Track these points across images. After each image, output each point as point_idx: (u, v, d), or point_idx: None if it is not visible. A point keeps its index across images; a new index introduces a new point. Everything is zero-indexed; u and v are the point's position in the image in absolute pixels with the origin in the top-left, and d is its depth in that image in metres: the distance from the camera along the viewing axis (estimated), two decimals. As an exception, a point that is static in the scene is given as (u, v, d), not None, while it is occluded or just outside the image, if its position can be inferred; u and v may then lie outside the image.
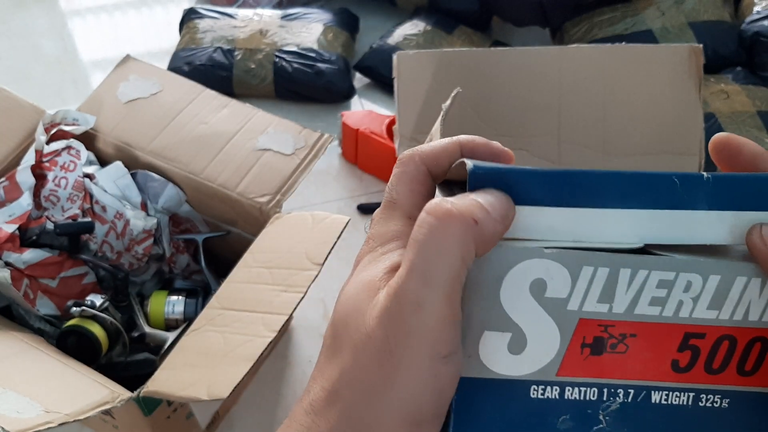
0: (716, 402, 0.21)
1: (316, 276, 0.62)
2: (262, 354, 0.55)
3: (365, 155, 1.14)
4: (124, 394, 0.59)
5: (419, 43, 1.30)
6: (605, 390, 0.21)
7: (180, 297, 0.79)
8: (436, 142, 0.26)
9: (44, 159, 0.80)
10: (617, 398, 0.21)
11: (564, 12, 1.29)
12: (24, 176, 0.77)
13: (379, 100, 1.30)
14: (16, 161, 0.80)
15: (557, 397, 0.22)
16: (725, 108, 1.10)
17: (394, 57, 0.77)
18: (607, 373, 0.21)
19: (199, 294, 0.80)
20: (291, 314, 0.60)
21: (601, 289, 0.21)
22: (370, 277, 0.24)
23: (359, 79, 1.34)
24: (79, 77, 1.36)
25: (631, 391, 0.21)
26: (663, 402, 0.21)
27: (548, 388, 0.22)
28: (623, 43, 0.77)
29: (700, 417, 0.21)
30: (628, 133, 0.75)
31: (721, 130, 1.06)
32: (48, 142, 0.81)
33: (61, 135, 0.82)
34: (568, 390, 0.22)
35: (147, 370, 0.64)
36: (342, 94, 1.27)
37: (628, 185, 0.21)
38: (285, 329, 0.92)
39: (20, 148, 0.81)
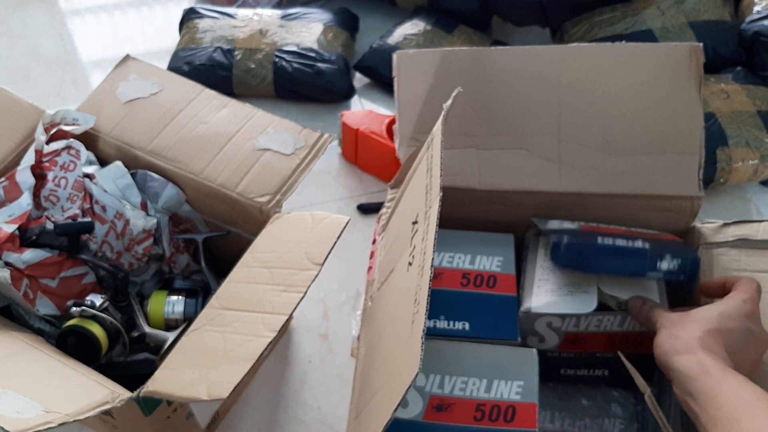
0: None
1: (316, 276, 0.62)
2: (262, 354, 0.55)
3: (365, 155, 1.14)
4: (124, 394, 0.59)
5: (419, 43, 1.30)
6: None
7: (180, 297, 0.79)
8: None
9: (44, 159, 0.80)
10: None
11: (564, 11, 1.29)
12: (24, 176, 0.77)
13: (379, 99, 1.30)
14: (15, 161, 0.80)
15: None
16: (725, 107, 1.10)
17: (394, 56, 0.77)
18: None
19: (199, 294, 0.80)
20: (291, 314, 0.60)
21: None
22: None
23: (359, 79, 1.34)
24: (79, 77, 1.36)
25: None
26: None
27: None
28: (623, 42, 0.77)
29: None
30: (628, 133, 0.74)
31: (721, 129, 1.06)
32: (48, 142, 0.81)
33: (60, 135, 0.82)
34: None
35: (147, 370, 0.64)
36: (342, 94, 1.26)
37: None
38: (285, 329, 0.92)
39: (20, 148, 0.81)
